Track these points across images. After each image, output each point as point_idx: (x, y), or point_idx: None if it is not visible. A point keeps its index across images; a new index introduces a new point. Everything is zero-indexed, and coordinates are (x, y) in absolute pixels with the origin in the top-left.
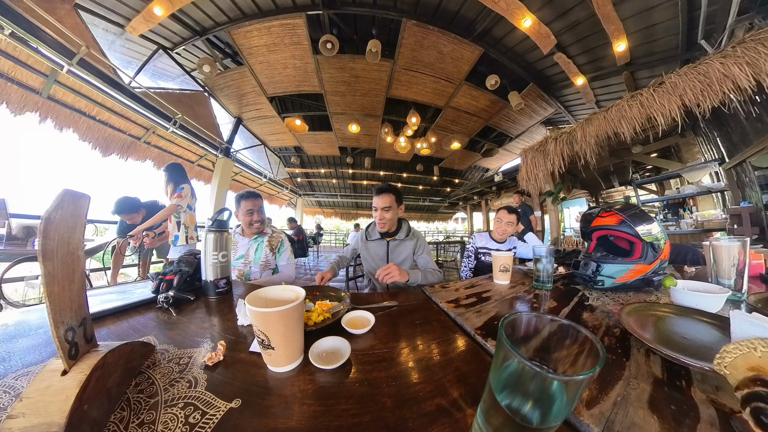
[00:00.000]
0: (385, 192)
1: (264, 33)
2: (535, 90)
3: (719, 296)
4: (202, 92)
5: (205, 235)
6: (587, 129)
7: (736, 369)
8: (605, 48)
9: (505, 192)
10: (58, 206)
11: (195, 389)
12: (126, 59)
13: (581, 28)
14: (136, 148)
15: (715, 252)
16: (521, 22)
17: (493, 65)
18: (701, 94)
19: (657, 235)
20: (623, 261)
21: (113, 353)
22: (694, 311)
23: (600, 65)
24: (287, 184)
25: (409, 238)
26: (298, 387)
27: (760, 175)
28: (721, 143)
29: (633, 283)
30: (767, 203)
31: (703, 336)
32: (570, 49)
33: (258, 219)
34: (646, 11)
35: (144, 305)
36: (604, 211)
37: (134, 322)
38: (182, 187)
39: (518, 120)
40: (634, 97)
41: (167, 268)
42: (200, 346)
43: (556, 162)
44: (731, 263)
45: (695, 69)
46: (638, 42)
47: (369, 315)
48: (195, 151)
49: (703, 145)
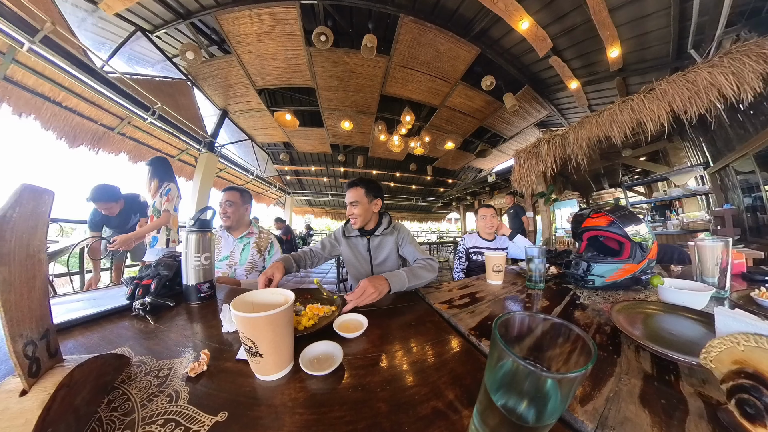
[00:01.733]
0: (353, 186)
1: (254, 20)
2: (530, 92)
3: (704, 294)
4: (185, 81)
5: (187, 236)
6: (579, 132)
7: (721, 363)
8: (599, 53)
9: (498, 193)
10: (16, 203)
11: (176, 403)
12: (99, 40)
13: (577, 33)
14: (109, 139)
15: (699, 252)
16: (519, 23)
17: (489, 66)
18: (689, 101)
19: (645, 236)
20: (613, 261)
21: (81, 368)
22: (680, 308)
23: (594, 70)
24: (276, 181)
25: (390, 232)
26: (288, 395)
27: (742, 179)
28: (706, 148)
29: (622, 281)
30: (748, 206)
31: (690, 332)
32: (565, 53)
33: (228, 212)
34: (640, 19)
35: (117, 313)
36: (595, 212)
37: (106, 333)
38: (169, 189)
39: (512, 121)
40: (625, 102)
41: (144, 271)
42: (181, 356)
43: (548, 164)
44: (715, 262)
45: (684, 77)
46: (631, 49)
47: (362, 318)
48: (176, 145)
49: (690, 150)
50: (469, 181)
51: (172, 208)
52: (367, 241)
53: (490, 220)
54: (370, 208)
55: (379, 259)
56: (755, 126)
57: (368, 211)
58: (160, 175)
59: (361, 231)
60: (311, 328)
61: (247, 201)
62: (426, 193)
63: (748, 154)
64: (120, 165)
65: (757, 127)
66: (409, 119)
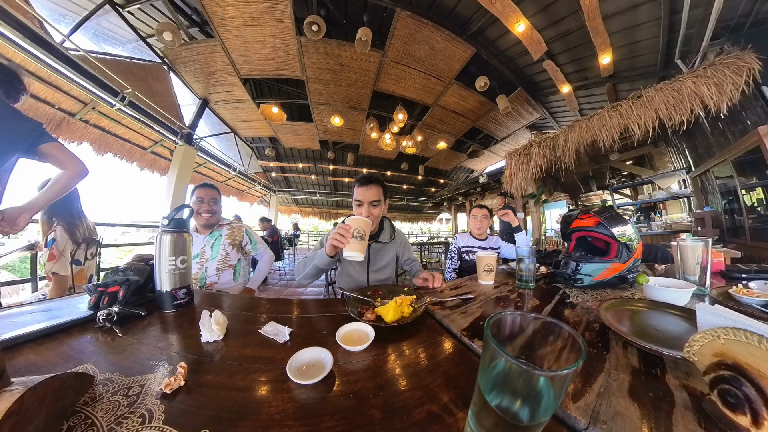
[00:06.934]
0: (374, 183)
1: (241, 3)
2: (523, 95)
3: (686, 291)
4: (160, 65)
5: (160, 237)
6: (570, 135)
7: (703, 355)
8: (591, 59)
9: (489, 193)
10: None
11: (150, 424)
12: (59, 11)
13: (571, 39)
14: (70, 126)
15: (681, 251)
16: (515, 26)
17: (483, 67)
18: (674, 108)
19: (631, 236)
20: (600, 260)
21: (34, 392)
22: (664, 305)
23: (585, 75)
24: (260, 178)
25: (393, 240)
26: (276, 407)
27: (721, 183)
28: (688, 154)
29: (610, 280)
30: (727, 208)
31: (674, 327)
32: (559, 57)
33: (208, 209)
34: (632, 28)
35: (78, 326)
36: (583, 213)
37: (65, 349)
38: (53, 238)
39: (505, 123)
40: (614, 107)
41: (110, 277)
42: (155, 370)
43: (539, 166)
44: (696, 261)
45: (670, 85)
46: (622, 56)
47: (368, 328)
48: (148, 135)
49: (673, 155)
50: (460, 182)
51: (65, 265)
52: (368, 246)
53: (480, 220)
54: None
55: (377, 265)
56: (734, 134)
57: (381, 214)
58: (53, 208)
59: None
60: (409, 317)
61: (221, 196)
62: (417, 192)
63: (727, 160)
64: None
65: (735, 134)
66: (402, 117)
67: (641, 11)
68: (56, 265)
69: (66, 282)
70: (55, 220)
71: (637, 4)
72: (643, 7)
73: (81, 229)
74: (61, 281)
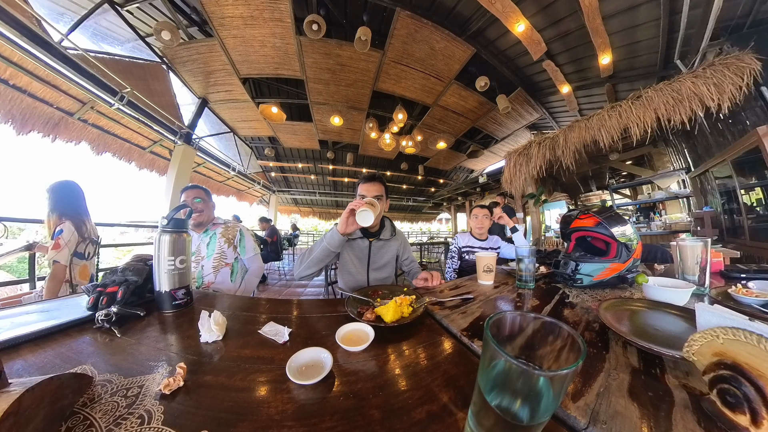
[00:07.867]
0: (377, 180)
1: (240, 2)
2: (523, 95)
3: (685, 291)
4: (160, 64)
5: (159, 237)
6: (569, 135)
7: (703, 355)
8: (591, 60)
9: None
10: None
11: (149, 425)
12: (58, 10)
13: (571, 39)
14: (68, 126)
15: (681, 251)
16: (515, 26)
17: (483, 67)
18: (673, 109)
19: (630, 236)
20: (600, 260)
21: (32, 393)
22: (664, 305)
23: (585, 76)
24: (260, 178)
25: (394, 238)
26: (275, 408)
27: (720, 183)
28: (688, 154)
29: (609, 280)
30: (726, 208)
31: (673, 327)
32: (558, 57)
33: (199, 208)
34: (632, 29)
35: (77, 326)
36: (583, 213)
37: (63, 349)
38: (61, 230)
39: (504, 123)
40: (613, 108)
41: (108, 278)
42: (154, 371)
43: (538, 166)
44: (695, 261)
45: (669, 86)
46: (621, 57)
47: (368, 329)
48: (147, 135)
49: (673, 155)
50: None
51: (66, 256)
52: (369, 243)
53: (481, 220)
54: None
55: (377, 264)
56: (733, 134)
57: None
58: (61, 207)
59: (365, 232)
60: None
61: (210, 196)
62: (417, 192)
63: (726, 161)
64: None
65: (734, 135)
66: (402, 117)
67: (641, 12)
68: (59, 254)
69: (63, 271)
70: (64, 217)
71: (637, 5)
72: (642, 8)
73: (87, 226)
74: (59, 270)
